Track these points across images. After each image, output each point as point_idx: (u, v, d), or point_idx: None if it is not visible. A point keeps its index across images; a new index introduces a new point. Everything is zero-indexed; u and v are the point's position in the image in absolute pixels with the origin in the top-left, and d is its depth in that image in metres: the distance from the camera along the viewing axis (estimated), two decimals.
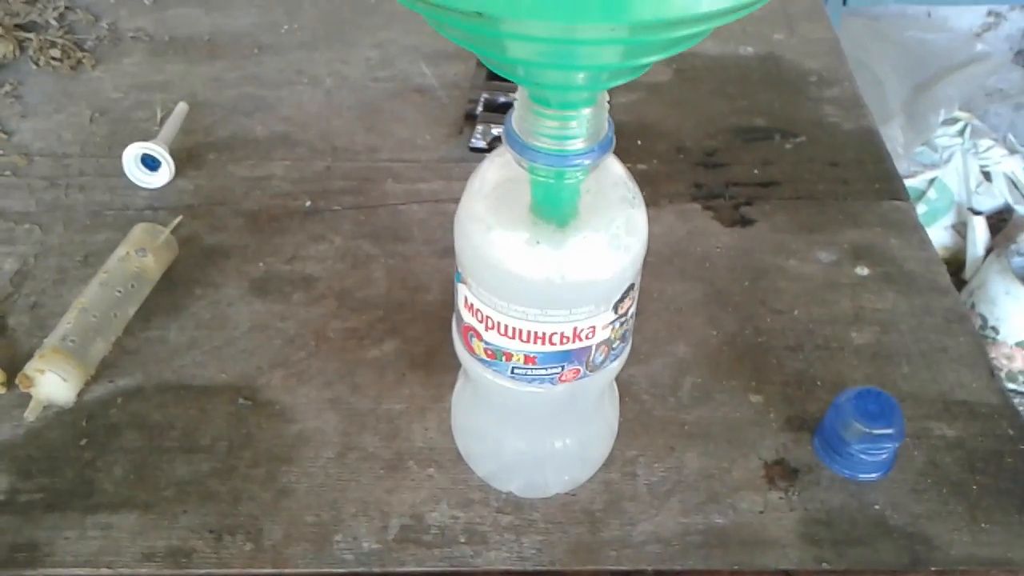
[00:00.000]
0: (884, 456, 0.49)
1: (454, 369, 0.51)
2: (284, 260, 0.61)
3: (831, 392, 0.53)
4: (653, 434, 0.52)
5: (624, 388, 0.53)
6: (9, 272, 0.60)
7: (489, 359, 0.41)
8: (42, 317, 0.57)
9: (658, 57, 0.30)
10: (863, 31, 1.47)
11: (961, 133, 1.46)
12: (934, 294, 0.60)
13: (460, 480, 0.49)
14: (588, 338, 0.39)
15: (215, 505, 0.48)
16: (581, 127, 0.34)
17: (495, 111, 0.71)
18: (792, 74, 0.79)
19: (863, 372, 0.55)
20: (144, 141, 0.65)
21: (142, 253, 0.57)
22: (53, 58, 0.77)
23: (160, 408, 0.52)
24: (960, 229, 1.42)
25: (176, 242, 0.60)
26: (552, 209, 0.36)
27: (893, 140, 1.38)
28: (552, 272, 0.36)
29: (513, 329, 0.38)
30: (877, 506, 0.49)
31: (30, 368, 0.51)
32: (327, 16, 0.84)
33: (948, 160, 1.43)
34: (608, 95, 0.35)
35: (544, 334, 0.38)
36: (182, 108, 0.71)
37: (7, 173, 0.67)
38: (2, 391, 0.53)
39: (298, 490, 0.49)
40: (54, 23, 0.81)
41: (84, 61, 0.78)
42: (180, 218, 0.61)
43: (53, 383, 0.51)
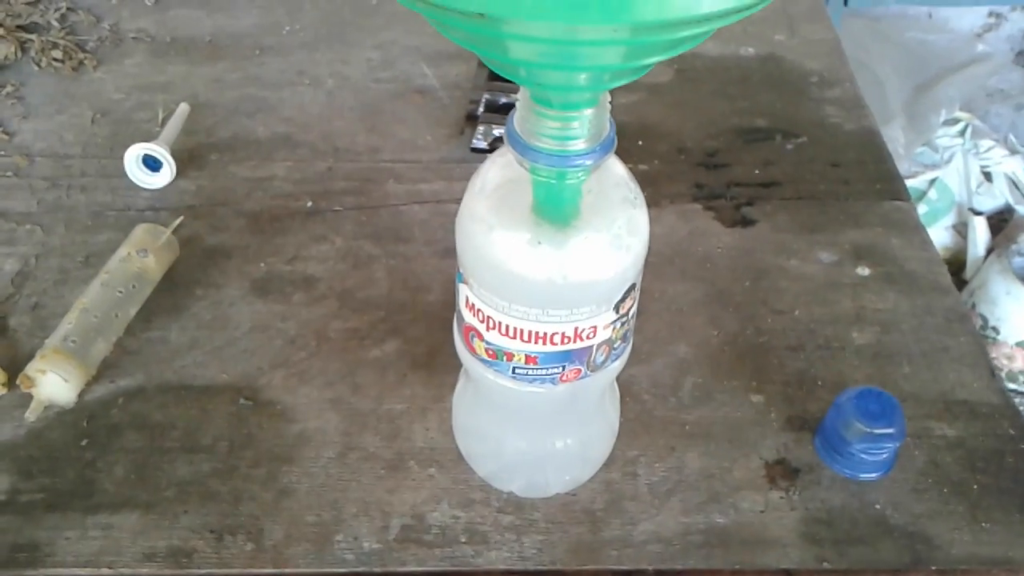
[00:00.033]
0: (885, 456, 0.49)
1: (455, 369, 0.52)
2: (285, 260, 0.61)
3: (832, 392, 0.53)
4: (654, 434, 0.52)
5: (625, 388, 0.53)
6: (10, 273, 0.60)
7: (490, 359, 0.41)
8: (43, 318, 0.57)
9: (660, 58, 0.30)
10: (864, 32, 1.47)
11: (962, 133, 1.46)
12: (935, 294, 0.60)
13: (461, 480, 0.49)
14: (589, 338, 0.39)
15: (216, 505, 0.48)
16: (583, 128, 0.34)
17: (496, 112, 0.71)
18: (793, 75, 0.79)
19: (864, 372, 0.55)
20: (146, 142, 0.65)
21: (143, 253, 0.57)
22: (55, 59, 0.77)
23: (161, 408, 0.53)
24: (961, 229, 1.42)
25: (177, 243, 0.60)
26: (554, 209, 0.36)
27: (894, 141, 1.38)
28: (554, 272, 0.36)
29: (514, 329, 0.38)
30: (878, 505, 0.49)
31: (31, 368, 0.51)
32: (328, 17, 0.84)
33: (949, 160, 1.43)
34: (609, 95, 0.35)
35: (545, 334, 0.38)
36: (183, 109, 0.71)
37: (9, 174, 0.67)
38: (3, 391, 0.53)
39: (299, 490, 0.49)
40: (56, 24, 0.81)
41: (86, 62, 0.78)
42: (181, 219, 0.61)
43: (54, 383, 0.51)
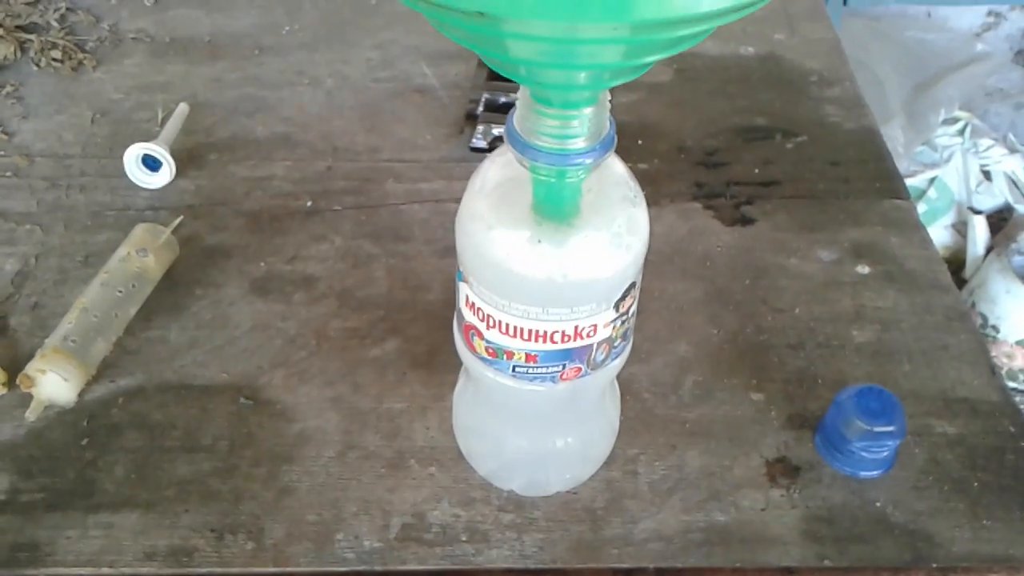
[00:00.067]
0: (885, 453, 0.49)
1: (455, 368, 0.52)
2: (285, 260, 0.61)
3: (832, 390, 0.53)
4: (654, 432, 0.52)
5: (625, 387, 0.53)
6: (10, 272, 0.60)
7: (490, 358, 0.41)
8: (43, 317, 0.57)
9: (659, 56, 0.30)
10: (863, 31, 1.47)
11: (961, 133, 1.46)
12: (935, 292, 0.60)
13: (461, 479, 0.49)
14: (589, 336, 0.39)
15: (216, 504, 0.48)
16: (583, 126, 0.34)
17: (496, 111, 0.71)
18: (793, 74, 0.79)
19: (864, 370, 0.55)
20: (145, 142, 0.65)
21: (143, 253, 0.57)
22: (54, 59, 0.77)
23: (161, 408, 0.53)
24: (960, 228, 1.42)
25: (177, 242, 0.60)
26: (554, 208, 0.36)
27: (893, 140, 1.38)
28: (554, 271, 0.36)
29: (514, 327, 0.38)
30: (878, 503, 0.49)
31: (31, 368, 0.51)
32: (328, 17, 0.84)
33: (948, 159, 1.43)
34: (609, 94, 0.35)
35: (545, 332, 0.38)
36: (183, 109, 0.71)
37: (8, 174, 0.67)
38: (3, 391, 0.53)
39: (299, 489, 0.49)
40: (55, 24, 0.81)
41: (85, 62, 0.78)
42: (181, 218, 0.61)
43: (54, 383, 0.51)
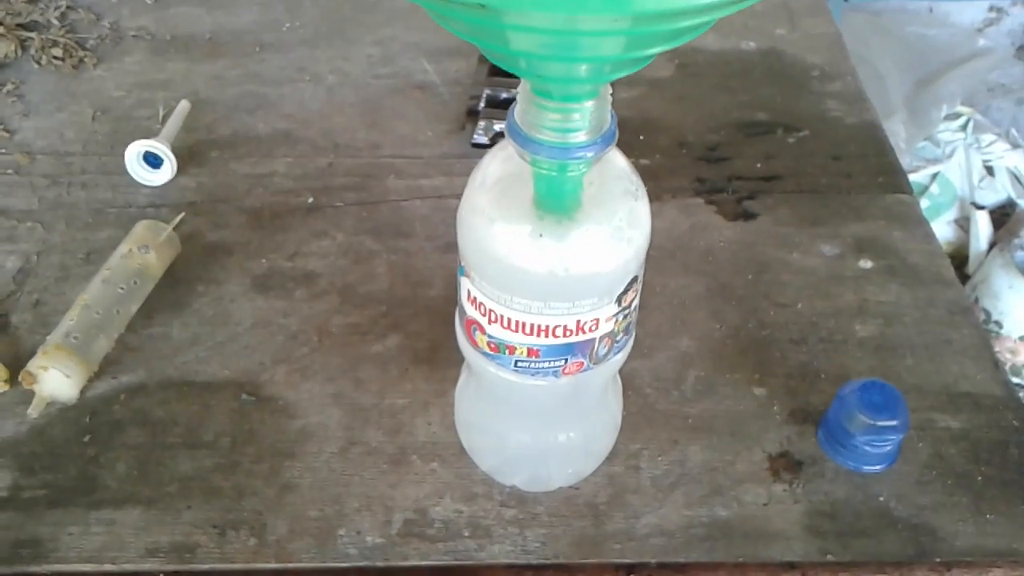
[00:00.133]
0: (888, 448, 0.49)
1: (457, 364, 0.52)
2: (286, 256, 0.61)
3: (835, 384, 0.52)
4: (657, 427, 0.52)
5: (628, 382, 0.53)
6: (12, 270, 0.60)
7: (492, 352, 0.41)
8: (45, 314, 0.57)
9: (660, 48, 0.30)
10: (864, 26, 1.46)
11: (963, 128, 1.45)
12: (938, 286, 0.60)
13: (464, 474, 0.49)
14: (591, 331, 0.39)
15: (219, 500, 0.48)
16: (584, 120, 0.34)
17: (497, 107, 0.71)
18: (794, 68, 0.79)
19: (867, 364, 0.55)
20: (146, 139, 0.65)
21: (144, 250, 0.57)
22: (55, 57, 0.77)
23: (163, 404, 0.53)
24: (963, 224, 1.42)
25: (178, 239, 0.60)
26: (555, 202, 0.36)
27: (895, 135, 1.38)
28: (555, 265, 0.36)
29: (516, 322, 0.38)
30: (882, 498, 0.49)
31: (33, 365, 0.51)
32: (328, 14, 0.84)
33: (951, 155, 1.43)
34: (611, 88, 0.35)
35: (547, 327, 0.38)
36: (184, 106, 0.71)
37: (10, 172, 0.67)
38: (5, 388, 0.53)
39: (301, 485, 0.49)
40: (56, 22, 0.81)
41: (86, 60, 0.78)
42: (182, 215, 0.61)
43: (56, 380, 0.51)
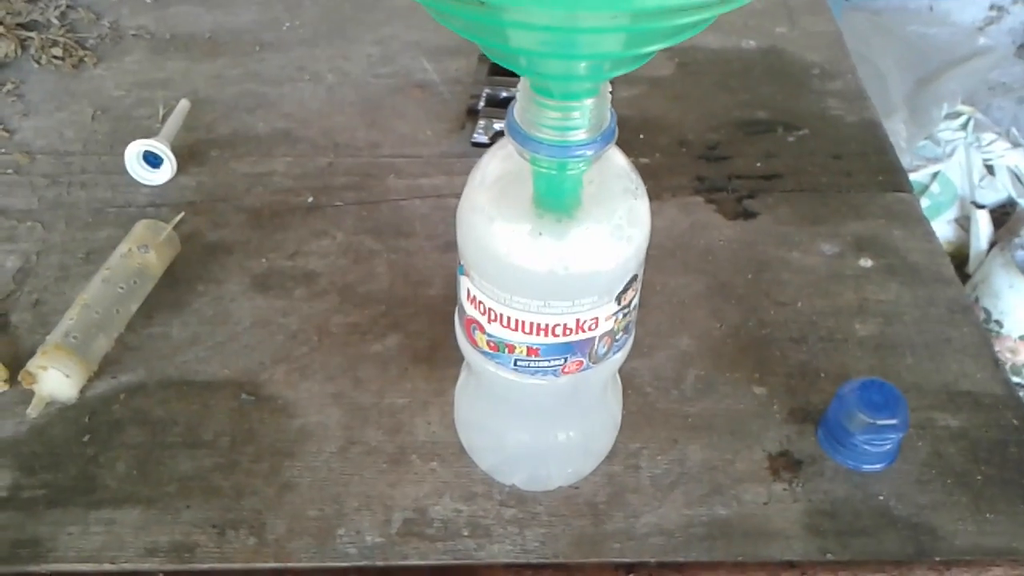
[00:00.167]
0: (888, 447, 0.48)
1: (457, 363, 0.51)
2: (286, 256, 0.61)
3: (835, 383, 0.52)
4: (656, 426, 0.52)
5: (627, 381, 0.53)
6: (12, 269, 0.60)
7: (492, 351, 0.40)
8: (44, 314, 0.57)
9: (660, 46, 0.30)
10: (865, 25, 1.46)
11: (964, 127, 1.45)
12: (938, 285, 0.60)
13: (463, 473, 0.49)
14: (591, 329, 0.39)
15: (218, 500, 0.48)
16: (583, 118, 0.34)
17: (497, 106, 0.71)
18: (794, 67, 0.79)
19: (867, 363, 0.55)
20: (146, 138, 0.65)
21: (144, 249, 0.57)
22: (55, 56, 0.77)
23: (163, 404, 0.52)
24: (963, 223, 1.41)
25: (178, 238, 0.60)
26: (555, 200, 0.36)
27: (896, 134, 1.37)
28: (555, 263, 0.36)
29: (516, 321, 0.38)
30: (881, 497, 0.49)
31: (33, 365, 0.51)
32: (328, 13, 0.84)
33: (951, 154, 1.42)
34: (610, 86, 0.35)
35: (547, 326, 0.38)
36: (184, 105, 0.71)
37: (9, 171, 0.67)
38: (5, 388, 0.53)
39: (301, 484, 0.49)
40: (55, 22, 0.81)
41: (86, 59, 0.78)
42: (182, 215, 0.61)
43: (56, 379, 0.51)
